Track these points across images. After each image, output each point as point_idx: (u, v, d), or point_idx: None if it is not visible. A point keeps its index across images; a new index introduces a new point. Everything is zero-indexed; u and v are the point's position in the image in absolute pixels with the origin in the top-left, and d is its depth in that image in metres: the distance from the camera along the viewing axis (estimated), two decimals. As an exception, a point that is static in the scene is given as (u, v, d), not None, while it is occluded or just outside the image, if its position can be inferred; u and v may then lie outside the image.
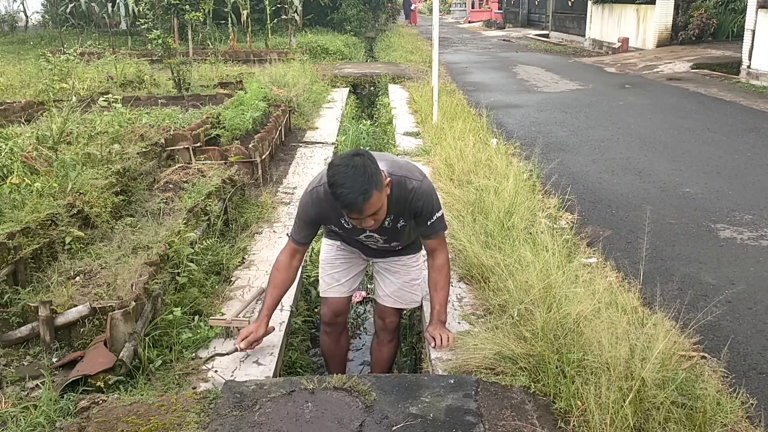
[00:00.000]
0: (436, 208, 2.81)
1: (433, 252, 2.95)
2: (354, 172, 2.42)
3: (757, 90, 11.09)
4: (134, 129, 5.37)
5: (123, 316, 2.76)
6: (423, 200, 2.74)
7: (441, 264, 2.95)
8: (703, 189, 5.88)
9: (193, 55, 12.05)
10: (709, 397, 2.37)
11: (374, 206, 2.50)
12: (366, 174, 2.43)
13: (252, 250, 4.24)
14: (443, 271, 2.95)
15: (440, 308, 2.97)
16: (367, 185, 2.43)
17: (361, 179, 2.42)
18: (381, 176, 2.52)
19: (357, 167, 2.43)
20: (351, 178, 2.42)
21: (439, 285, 2.96)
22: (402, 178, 2.71)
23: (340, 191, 2.43)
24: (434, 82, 7.80)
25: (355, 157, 2.48)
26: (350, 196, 2.42)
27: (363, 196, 2.43)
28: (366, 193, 2.43)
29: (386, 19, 23.92)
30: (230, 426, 2.31)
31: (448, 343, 2.90)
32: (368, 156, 2.51)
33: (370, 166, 2.46)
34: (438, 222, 2.83)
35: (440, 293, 2.96)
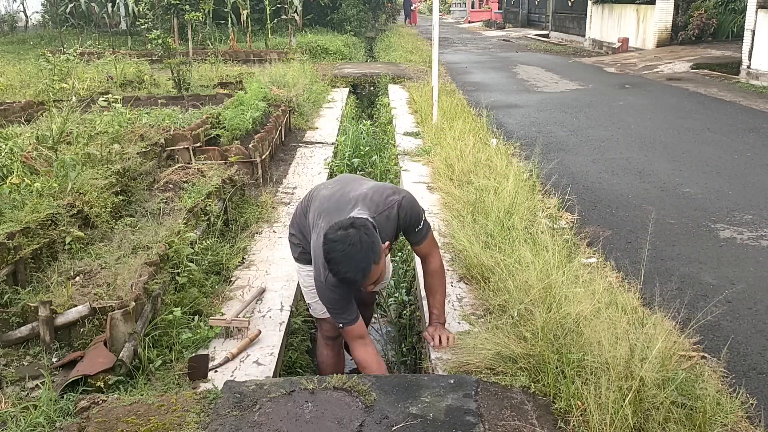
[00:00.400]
0: (419, 218, 2.80)
1: (427, 257, 2.95)
2: (352, 250, 2.39)
3: (757, 90, 11.09)
4: (134, 129, 5.37)
5: (123, 316, 2.76)
6: (408, 216, 2.74)
7: (435, 267, 2.96)
8: (703, 189, 5.88)
9: (193, 55, 12.04)
10: (709, 397, 2.37)
11: (373, 277, 2.50)
12: (363, 251, 2.40)
13: (252, 250, 4.24)
14: (438, 274, 2.98)
15: (439, 311, 3.00)
16: (365, 262, 2.42)
17: (359, 257, 2.40)
18: (378, 246, 2.47)
19: (354, 245, 2.39)
20: (349, 256, 2.39)
21: (436, 288, 2.99)
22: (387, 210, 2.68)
23: (338, 269, 2.43)
24: (434, 82, 7.80)
25: (350, 231, 2.42)
26: (350, 275, 2.43)
27: (362, 273, 2.43)
28: (365, 270, 2.43)
29: (386, 19, 23.92)
30: (230, 426, 2.31)
31: (447, 343, 2.92)
32: (364, 228, 2.45)
33: (366, 241, 2.41)
34: (423, 227, 2.83)
35: (437, 296, 2.99)
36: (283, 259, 4.11)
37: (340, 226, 2.46)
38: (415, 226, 2.80)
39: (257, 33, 16.40)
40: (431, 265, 2.96)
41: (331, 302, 2.66)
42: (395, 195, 2.73)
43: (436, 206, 4.98)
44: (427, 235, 2.87)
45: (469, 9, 38.30)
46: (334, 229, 2.46)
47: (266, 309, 3.45)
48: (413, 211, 2.76)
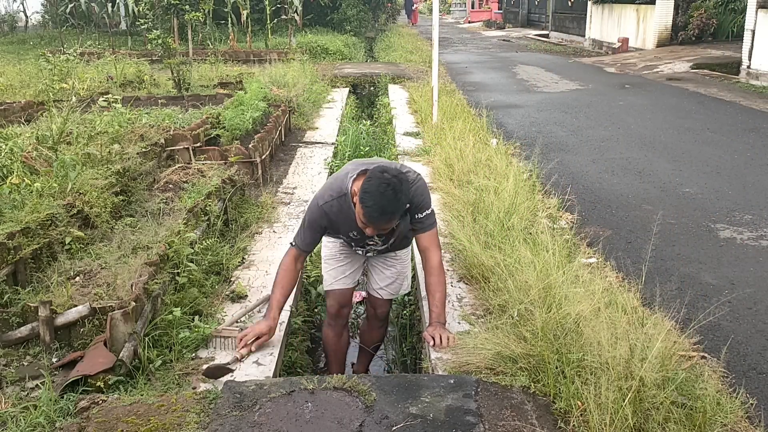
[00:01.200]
0: (427, 205, 2.97)
1: (426, 251, 3.04)
2: (391, 193, 2.63)
3: (756, 90, 11.09)
4: (134, 129, 5.37)
5: (123, 317, 2.76)
6: (417, 197, 2.90)
7: (435, 266, 3.04)
8: (702, 189, 5.89)
9: (193, 55, 12.05)
10: (708, 397, 2.37)
11: (389, 226, 2.77)
12: (398, 202, 2.66)
13: (252, 251, 4.24)
14: (438, 273, 3.05)
15: (439, 310, 3.04)
16: (394, 210, 2.67)
17: (393, 202, 2.64)
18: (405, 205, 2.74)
19: (396, 190, 2.63)
20: (387, 197, 2.63)
21: (436, 288, 3.05)
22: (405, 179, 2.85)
23: (371, 203, 2.64)
24: (434, 82, 7.80)
25: (396, 178, 2.66)
26: (376, 212, 2.65)
27: (388, 217, 2.68)
28: (391, 215, 2.68)
29: (386, 19, 23.92)
30: (230, 426, 2.31)
31: (447, 343, 2.93)
32: (406, 183, 2.71)
33: (405, 194, 2.69)
34: (428, 217, 2.98)
35: (437, 296, 3.04)
36: (283, 259, 4.10)
37: (387, 170, 2.70)
38: (418, 212, 2.94)
39: (257, 33, 16.40)
40: (431, 261, 3.04)
41: (310, 221, 2.95)
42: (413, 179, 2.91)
43: (436, 206, 4.96)
44: (431, 227, 3.01)
45: (469, 9, 38.30)
46: (382, 170, 2.69)
47: (266, 309, 3.44)
48: (420, 198, 2.92)
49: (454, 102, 8.86)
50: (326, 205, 2.89)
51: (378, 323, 3.45)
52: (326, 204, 2.89)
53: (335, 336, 3.35)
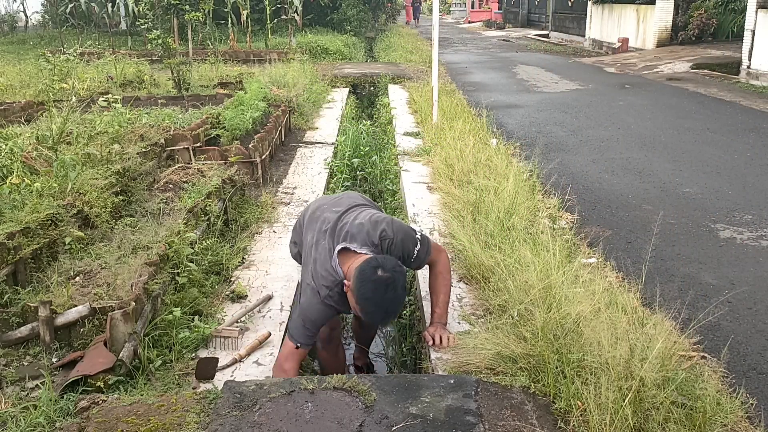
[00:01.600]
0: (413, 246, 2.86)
1: (433, 265, 3.05)
2: (392, 295, 2.53)
3: (756, 90, 11.09)
4: (134, 129, 5.37)
5: (123, 317, 2.76)
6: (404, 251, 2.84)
7: (441, 270, 3.05)
8: (702, 189, 5.88)
9: (193, 55, 12.04)
10: (708, 397, 2.37)
11: None
12: (399, 297, 2.57)
13: (252, 251, 4.24)
14: (443, 276, 3.05)
15: (441, 311, 3.04)
16: (398, 308, 2.63)
17: (395, 303, 2.58)
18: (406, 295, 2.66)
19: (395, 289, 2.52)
20: (387, 300, 2.54)
21: (440, 289, 3.05)
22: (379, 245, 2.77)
23: (372, 310, 2.57)
24: (434, 82, 7.80)
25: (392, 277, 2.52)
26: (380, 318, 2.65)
27: (392, 317, 2.70)
28: (394, 315, 2.67)
29: (386, 19, 23.92)
30: (230, 426, 2.31)
31: (447, 343, 2.93)
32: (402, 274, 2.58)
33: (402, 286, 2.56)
34: (420, 251, 2.89)
35: (441, 297, 3.04)
36: (283, 259, 4.11)
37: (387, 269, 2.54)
38: (410, 259, 2.88)
39: (257, 33, 16.40)
40: (437, 267, 3.05)
41: (312, 320, 2.76)
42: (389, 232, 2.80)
43: (436, 206, 4.99)
44: (426, 257, 2.94)
45: (469, 9, 38.30)
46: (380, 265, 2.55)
47: (266, 309, 3.45)
48: (405, 248, 2.84)
49: (454, 102, 8.86)
50: (328, 299, 2.74)
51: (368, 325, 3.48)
52: (327, 298, 2.74)
53: (331, 356, 3.25)
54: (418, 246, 2.88)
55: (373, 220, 2.84)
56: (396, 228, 2.84)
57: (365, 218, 2.86)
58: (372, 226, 2.80)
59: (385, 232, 2.79)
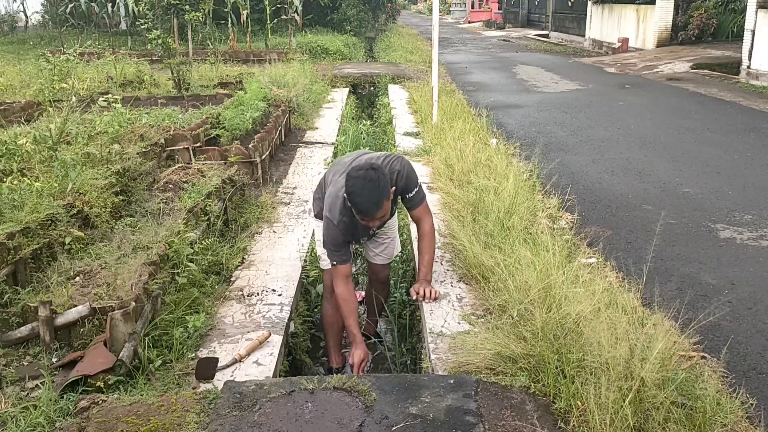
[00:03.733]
0: (413, 184, 3.30)
1: (419, 220, 3.41)
2: (370, 186, 2.93)
3: (756, 90, 11.09)
4: (134, 129, 5.36)
5: (123, 317, 2.76)
6: (402, 180, 3.24)
7: (427, 230, 3.41)
8: (702, 189, 5.89)
9: (192, 55, 12.04)
10: (709, 397, 2.37)
11: (383, 212, 3.02)
12: (379, 187, 2.95)
13: (252, 251, 4.24)
14: (429, 237, 3.41)
15: (426, 270, 3.44)
16: (380, 197, 2.95)
17: (375, 191, 2.94)
18: (389, 187, 3.03)
19: (372, 181, 2.93)
20: (368, 190, 2.93)
21: (426, 250, 3.43)
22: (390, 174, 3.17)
23: (358, 200, 2.95)
24: (434, 82, 7.80)
25: (370, 171, 2.96)
26: (366, 206, 2.95)
27: (376, 205, 2.96)
28: (378, 203, 2.96)
29: (386, 19, 23.90)
30: (230, 426, 2.31)
31: (430, 296, 3.37)
32: (381, 170, 3.01)
33: (382, 180, 2.97)
34: (417, 194, 3.32)
35: (426, 256, 3.42)
36: (283, 259, 4.11)
37: (360, 167, 3.00)
38: (408, 192, 3.30)
39: (257, 33, 16.40)
40: (423, 228, 3.41)
41: (333, 241, 3.18)
42: (397, 164, 3.25)
43: (436, 206, 4.98)
44: (420, 203, 3.36)
45: (469, 9, 38.29)
46: (356, 169, 3.00)
47: (266, 309, 3.45)
48: (409, 180, 3.28)
49: (454, 102, 8.85)
50: (341, 225, 3.15)
51: (381, 286, 3.79)
52: (340, 223, 3.15)
53: (333, 309, 3.53)
54: (416, 189, 3.31)
55: (385, 155, 3.30)
56: (404, 164, 3.28)
57: (377, 154, 3.32)
58: (383, 158, 3.25)
59: (395, 163, 3.24)
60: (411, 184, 3.29)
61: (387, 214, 3.08)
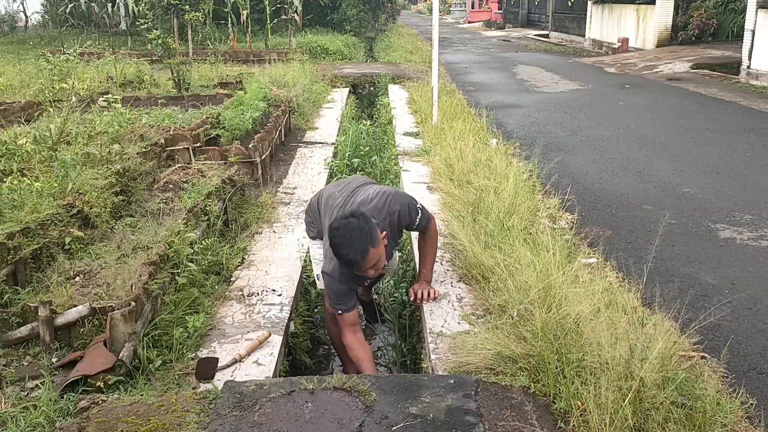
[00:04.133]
0: (414, 215, 3.23)
1: (424, 232, 3.41)
2: (351, 235, 2.83)
3: (757, 90, 11.09)
4: (134, 129, 5.36)
5: (123, 317, 2.76)
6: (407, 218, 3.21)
7: (431, 235, 3.40)
8: (702, 189, 5.88)
9: (192, 55, 12.04)
10: (708, 397, 2.37)
11: (372, 260, 2.89)
12: (362, 235, 2.83)
13: (252, 251, 4.24)
14: (432, 240, 3.41)
15: (427, 271, 3.45)
16: (363, 245, 2.83)
17: (357, 241, 2.82)
18: (375, 233, 2.89)
19: (353, 230, 2.83)
20: (349, 240, 2.83)
21: (427, 251, 3.43)
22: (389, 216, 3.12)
23: (342, 252, 2.86)
24: (434, 82, 7.80)
25: (351, 219, 2.87)
26: (350, 256, 2.84)
27: (361, 255, 2.83)
28: (363, 252, 2.83)
29: (386, 19, 23.90)
30: (230, 426, 2.31)
31: (428, 297, 3.36)
32: (362, 217, 2.90)
33: (364, 228, 2.85)
34: (422, 220, 3.27)
35: (428, 259, 3.44)
36: (283, 259, 4.11)
37: (342, 216, 2.93)
38: (413, 225, 3.28)
39: (257, 33, 16.40)
40: (427, 233, 3.40)
41: (337, 292, 3.09)
42: (396, 205, 3.16)
43: (436, 206, 4.98)
44: (427, 224, 3.33)
45: (469, 9, 38.29)
46: (338, 219, 2.94)
47: (266, 309, 3.45)
48: (410, 217, 3.23)
49: (454, 102, 8.85)
50: (342, 277, 3.04)
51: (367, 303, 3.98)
52: (341, 276, 3.03)
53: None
54: (420, 214, 3.26)
55: (382, 194, 3.20)
56: (401, 200, 3.22)
57: (374, 192, 3.21)
58: (381, 200, 3.16)
59: (392, 204, 3.16)
60: (413, 216, 3.22)
61: (381, 259, 2.94)
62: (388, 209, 3.12)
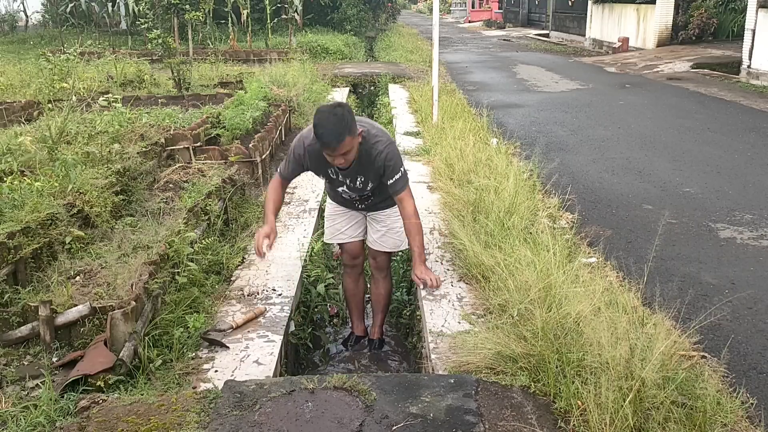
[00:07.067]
0: (397, 170, 3.36)
1: (401, 202, 3.47)
2: (334, 118, 3.04)
3: (757, 90, 11.08)
4: (134, 129, 5.37)
5: (123, 316, 2.76)
6: (386, 163, 3.32)
7: (409, 213, 3.45)
8: (703, 189, 5.88)
9: (193, 54, 12.05)
10: (709, 397, 2.36)
11: (345, 147, 3.10)
12: (343, 121, 3.05)
13: (252, 250, 4.24)
14: (413, 219, 3.45)
15: (419, 251, 3.51)
16: (342, 129, 3.04)
17: (338, 124, 3.04)
18: (355, 126, 3.12)
19: (337, 115, 3.05)
20: (331, 122, 3.04)
21: (413, 231, 3.47)
22: (373, 139, 3.30)
23: (320, 131, 3.07)
24: (434, 82, 7.80)
25: (337, 108, 3.09)
26: (327, 136, 3.06)
27: (337, 138, 3.05)
28: (340, 135, 3.04)
29: (386, 19, 23.90)
30: (230, 426, 2.31)
31: (435, 284, 3.49)
32: (348, 108, 3.11)
33: (347, 116, 3.07)
34: (399, 181, 3.37)
35: (416, 238, 3.47)
36: (283, 258, 4.11)
37: (330, 104, 3.16)
38: (389, 179, 3.36)
39: (257, 33, 16.40)
40: (406, 209, 3.45)
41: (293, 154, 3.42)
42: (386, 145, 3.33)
43: (436, 206, 4.99)
44: (403, 188, 3.41)
45: (469, 9, 38.28)
46: (325, 104, 3.16)
47: (266, 309, 3.45)
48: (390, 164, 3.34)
49: (455, 101, 8.85)
50: (309, 147, 3.33)
51: (380, 274, 3.86)
52: (310, 146, 3.32)
53: (353, 282, 3.85)
54: (398, 175, 3.37)
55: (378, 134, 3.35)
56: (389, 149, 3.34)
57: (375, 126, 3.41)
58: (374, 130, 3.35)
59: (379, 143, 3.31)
60: (395, 167, 3.36)
61: (351, 152, 3.16)
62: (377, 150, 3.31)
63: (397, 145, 6.98)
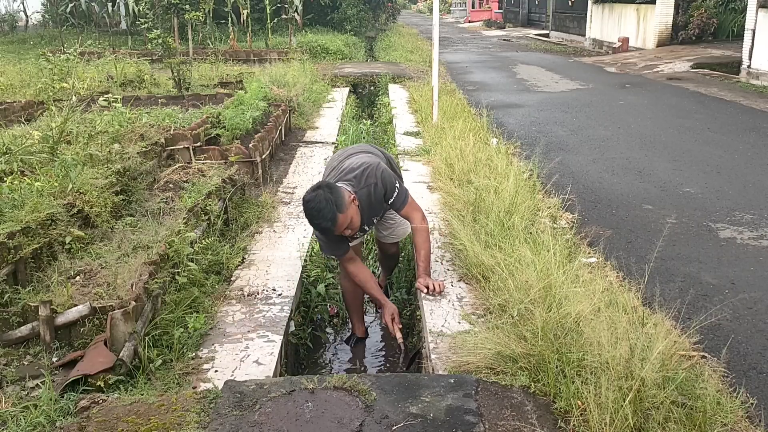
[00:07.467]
0: (392, 189, 3.42)
1: (406, 216, 3.56)
2: (318, 206, 3.10)
3: (757, 90, 11.08)
4: (134, 129, 5.37)
5: (123, 316, 2.76)
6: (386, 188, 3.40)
7: (417, 227, 3.53)
8: (703, 188, 5.88)
9: (193, 54, 12.05)
10: (709, 397, 2.36)
11: (343, 224, 3.17)
12: (327, 205, 3.09)
13: (252, 250, 4.24)
14: (420, 232, 3.52)
15: (425, 264, 3.57)
16: (329, 214, 3.11)
17: (324, 210, 3.10)
18: (341, 200, 3.14)
19: (320, 201, 3.10)
20: (317, 210, 3.11)
21: (420, 245, 3.54)
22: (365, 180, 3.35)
23: (313, 224, 3.21)
24: (434, 82, 7.80)
25: (318, 191, 3.13)
26: (322, 225, 3.16)
27: (330, 222, 3.12)
28: (332, 219, 3.12)
29: (386, 19, 23.89)
30: (230, 426, 2.31)
31: (437, 290, 3.48)
32: (327, 188, 3.15)
33: (329, 198, 3.11)
34: (398, 196, 3.46)
35: (423, 252, 3.54)
36: (283, 258, 4.11)
37: (311, 189, 3.19)
38: (390, 197, 3.46)
39: (257, 33, 16.39)
40: (413, 223, 3.54)
41: (328, 248, 3.52)
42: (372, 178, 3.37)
43: (436, 206, 4.99)
44: (404, 204, 3.50)
45: (469, 9, 38.27)
46: (308, 191, 3.20)
47: (267, 309, 3.45)
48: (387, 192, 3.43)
49: (455, 101, 8.85)
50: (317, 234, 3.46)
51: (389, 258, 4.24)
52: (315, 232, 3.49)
53: (351, 283, 3.77)
54: (395, 193, 3.45)
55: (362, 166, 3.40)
56: (379, 174, 3.40)
57: (357, 163, 3.44)
58: (359, 171, 3.39)
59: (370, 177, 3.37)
60: (389, 190, 3.43)
61: (353, 221, 3.21)
62: (365, 181, 3.36)
63: (397, 145, 7.04)
